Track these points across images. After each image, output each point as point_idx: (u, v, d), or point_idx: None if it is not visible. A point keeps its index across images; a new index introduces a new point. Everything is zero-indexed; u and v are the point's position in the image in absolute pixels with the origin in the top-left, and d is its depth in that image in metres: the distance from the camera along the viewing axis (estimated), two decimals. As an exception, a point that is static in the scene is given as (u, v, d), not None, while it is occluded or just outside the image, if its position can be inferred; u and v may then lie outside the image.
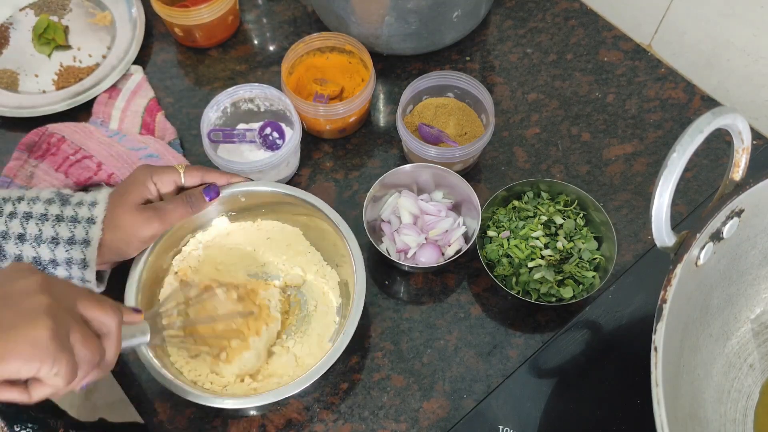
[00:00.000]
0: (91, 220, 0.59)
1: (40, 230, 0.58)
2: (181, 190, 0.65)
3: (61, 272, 0.59)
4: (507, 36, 0.89)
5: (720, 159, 0.79)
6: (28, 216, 0.59)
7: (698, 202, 0.76)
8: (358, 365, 0.69)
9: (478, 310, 0.71)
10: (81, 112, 0.84)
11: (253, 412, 0.67)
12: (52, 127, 0.77)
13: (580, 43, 0.87)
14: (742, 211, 0.56)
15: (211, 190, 0.65)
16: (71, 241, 0.59)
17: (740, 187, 0.55)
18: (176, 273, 0.69)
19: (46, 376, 0.43)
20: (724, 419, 0.61)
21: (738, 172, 0.55)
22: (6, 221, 0.58)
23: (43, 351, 0.42)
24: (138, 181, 0.62)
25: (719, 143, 0.79)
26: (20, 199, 0.60)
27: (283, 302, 0.69)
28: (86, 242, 0.59)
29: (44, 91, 0.86)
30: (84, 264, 0.59)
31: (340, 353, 0.60)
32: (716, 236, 0.55)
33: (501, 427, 0.63)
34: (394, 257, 0.69)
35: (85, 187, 0.74)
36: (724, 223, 0.55)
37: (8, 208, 0.59)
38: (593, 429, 0.64)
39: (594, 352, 0.67)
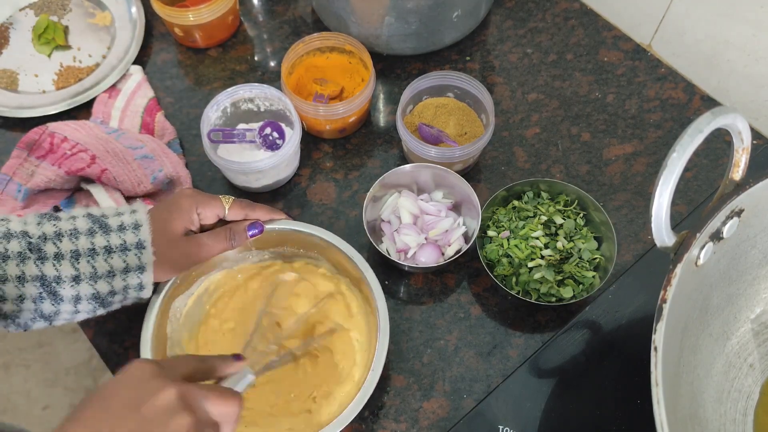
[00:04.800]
0: (140, 246, 0.58)
1: (93, 267, 0.56)
2: (221, 222, 0.65)
3: (117, 299, 0.59)
4: (507, 36, 0.89)
5: (720, 159, 0.79)
6: (76, 255, 0.56)
7: (698, 202, 0.76)
8: (358, 365, 0.69)
9: (478, 310, 0.71)
10: (81, 112, 0.84)
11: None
12: (52, 126, 0.77)
13: (580, 43, 0.87)
14: (742, 211, 0.56)
15: (256, 227, 0.64)
16: (126, 270, 0.57)
17: (740, 187, 0.55)
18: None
19: None
20: (724, 419, 0.61)
21: (738, 172, 0.55)
22: (55, 265, 0.55)
23: None
24: (182, 210, 0.61)
25: (719, 143, 0.79)
26: (59, 236, 0.56)
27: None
28: (141, 268, 0.58)
29: (44, 91, 0.86)
30: (141, 287, 0.59)
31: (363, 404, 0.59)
32: (716, 236, 0.55)
33: (501, 427, 0.63)
34: (394, 257, 0.69)
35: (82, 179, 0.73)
36: (724, 223, 0.55)
37: (50, 248, 0.55)
38: (593, 429, 0.64)
39: (594, 352, 0.67)
